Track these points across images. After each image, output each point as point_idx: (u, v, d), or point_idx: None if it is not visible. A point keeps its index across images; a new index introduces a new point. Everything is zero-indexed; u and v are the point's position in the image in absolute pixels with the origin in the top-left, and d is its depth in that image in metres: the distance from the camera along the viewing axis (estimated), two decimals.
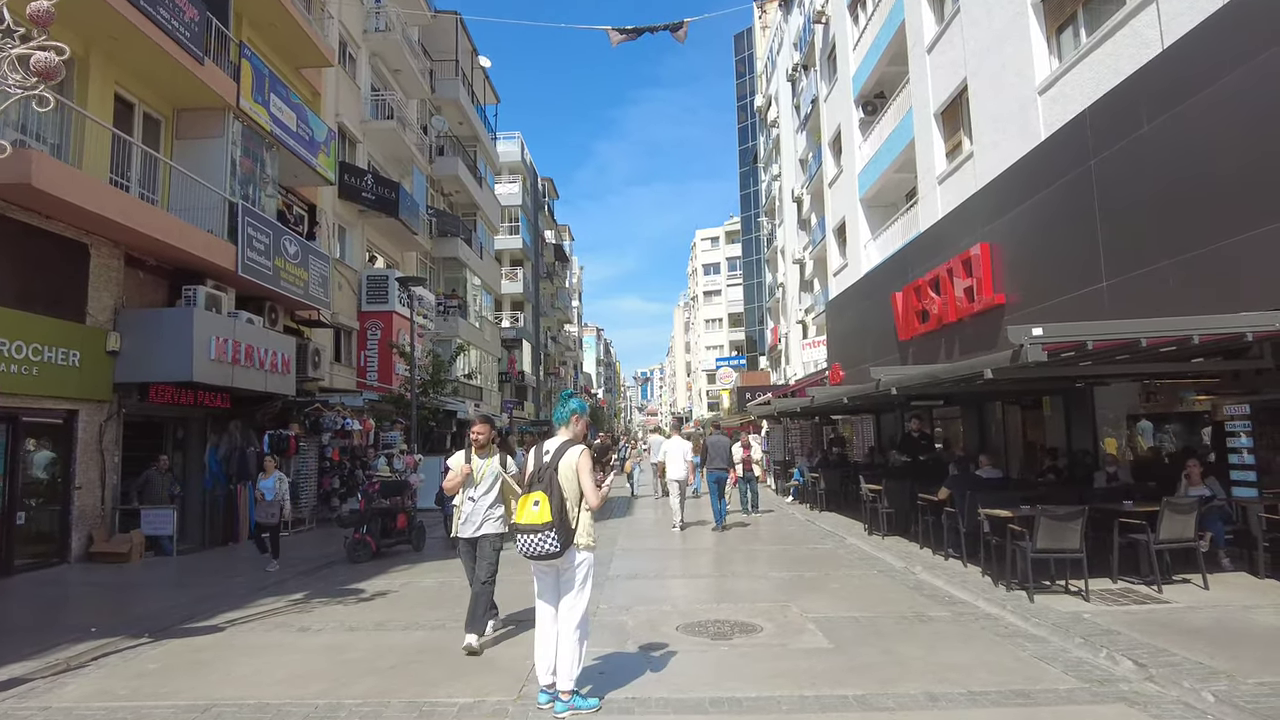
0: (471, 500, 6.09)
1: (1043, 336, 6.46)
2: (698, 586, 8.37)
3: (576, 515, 4.55)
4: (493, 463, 6.14)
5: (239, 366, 12.89)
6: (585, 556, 4.59)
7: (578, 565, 4.57)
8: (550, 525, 4.41)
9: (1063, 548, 7.14)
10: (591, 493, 4.56)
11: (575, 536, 4.53)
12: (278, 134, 15.24)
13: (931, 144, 15.93)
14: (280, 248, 14.93)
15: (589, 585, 4.62)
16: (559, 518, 4.43)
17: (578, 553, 4.56)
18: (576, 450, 4.60)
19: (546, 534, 4.41)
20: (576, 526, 4.54)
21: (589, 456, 4.62)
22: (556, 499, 4.46)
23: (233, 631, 6.80)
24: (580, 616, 4.55)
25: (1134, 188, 8.58)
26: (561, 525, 4.43)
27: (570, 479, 4.53)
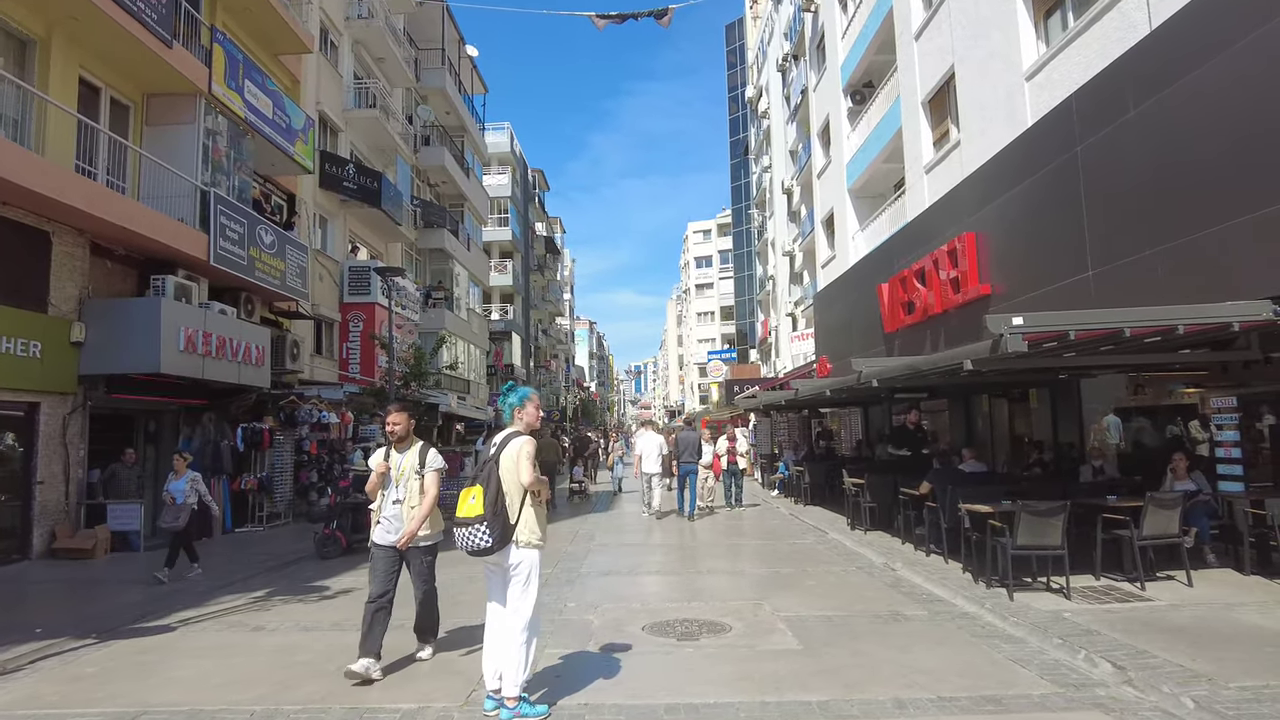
0: (394, 503, 5.28)
1: (1023, 326, 6.24)
2: (671, 584, 8.15)
3: (518, 510, 4.30)
4: (412, 458, 5.32)
5: (210, 358, 12.59)
6: (528, 555, 4.33)
7: (519, 564, 4.32)
8: (481, 519, 4.20)
9: (1044, 544, 6.94)
10: (526, 472, 4.28)
11: (515, 533, 4.28)
12: (252, 121, 14.91)
13: (919, 133, 15.70)
14: (255, 237, 14.62)
15: (534, 586, 4.36)
16: (491, 511, 4.21)
17: (517, 550, 4.31)
18: (519, 441, 4.36)
19: (478, 528, 4.20)
20: (517, 522, 4.29)
21: (532, 444, 4.37)
22: (492, 492, 4.24)
23: (184, 632, 6.55)
24: (524, 619, 4.30)
25: (1120, 175, 8.36)
26: (495, 519, 4.20)
27: (511, 471, 4.29)
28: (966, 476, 9.67)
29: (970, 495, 8.22)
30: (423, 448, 5.39)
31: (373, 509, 5.37)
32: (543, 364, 57.12)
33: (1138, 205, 8.09)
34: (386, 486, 5.31)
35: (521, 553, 4.30)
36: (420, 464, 5.29)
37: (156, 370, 11.40)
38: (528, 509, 4.32)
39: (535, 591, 4.36)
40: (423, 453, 5.36)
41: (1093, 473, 10.16)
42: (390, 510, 5.27)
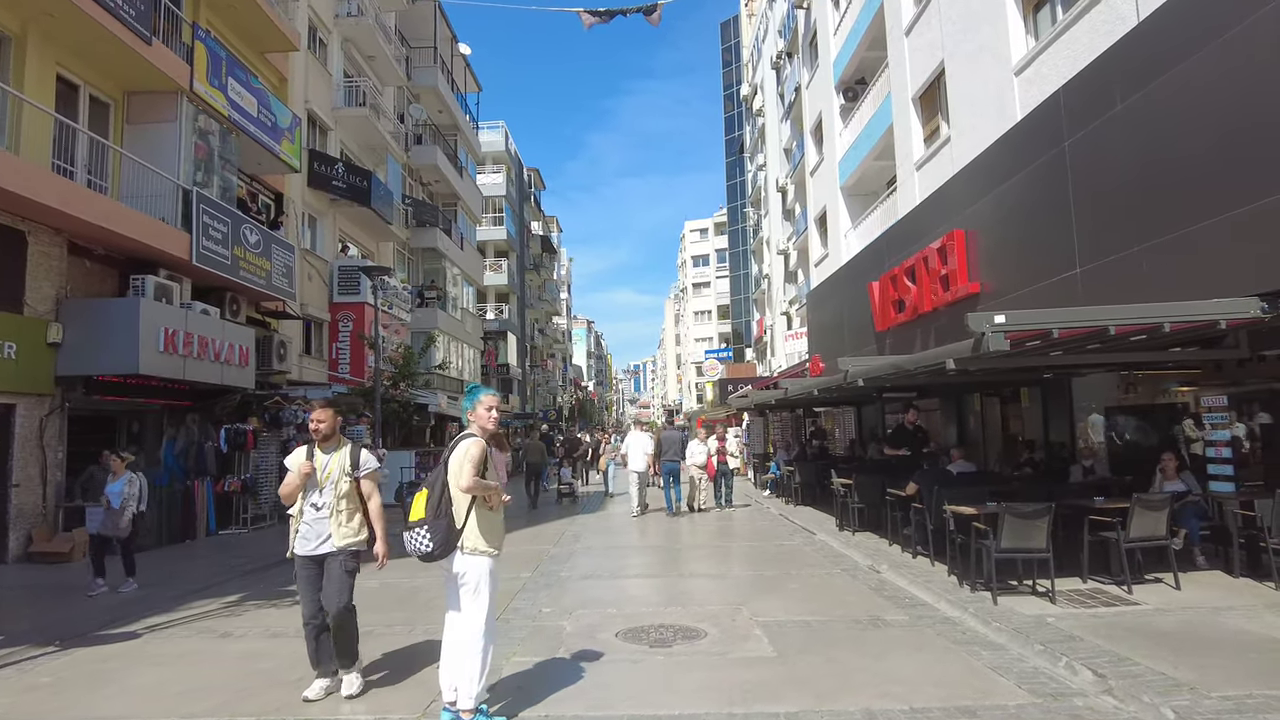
0: (315, 508, 4.75)
1: (1005, 324, 6.10)
2: (652, 587, 8.01)
3: (464, 515, 4.15)
4: (340, 459, 4.81)
5: (191, 359, 12.45)
6: (475, 562, 4.16)
7: (465, 572, 4.17)
8: (422, 522, 4.08)
9: (1029, 547, 6.80)
10: (465, 475, 4.08)
11: (462, 538, 4.14)
12: (236, 119, 14.76)
13: (910, 129, 15.55)
14: (240, 237, 14.47)
15: (484, 595, 4.18)
16: (434, 514, 4.10)
17: (463, 556, 4.16)
18: (466, 443, 4.21)
19: (418, 531, 4.08)
20: (463, 527, 4.14)
21: (479, 446, 4.19)
22: (435, 494, 4.13)
23: (149, 638, 6.41)
24: (475, 629, 4.15)
25: (1107, 170, 8.22)
26: (437, 523, 4.07)
27: (456, 474, 4.15)
28: (954, 477, 9.54)
29: (956, 496, 8.08)
30: (353, 449, 4.89)
31: (291, 514, 4.83)
32: (539, 363, 56.96)
33: (1125, 201, 7.95)
34: (308, 490, 4.76)
35: (468, 560, 4.15)
36: (352, 466, 4.80)
37: (135, 371, 11.26)
38: (479, 514, 4.17)
39: (486, 601, 4.19)
40: (354, 454, 4.85)
41: (1083, 473, 10.04)
42: (310, 516, 4.75)
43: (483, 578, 4.17)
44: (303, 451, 4.84)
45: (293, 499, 4.78)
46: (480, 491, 4.14)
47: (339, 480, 4.75)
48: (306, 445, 4.87)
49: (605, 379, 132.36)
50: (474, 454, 4.13)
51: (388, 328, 19.83)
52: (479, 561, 4.16)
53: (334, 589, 4.74)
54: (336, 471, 4.76)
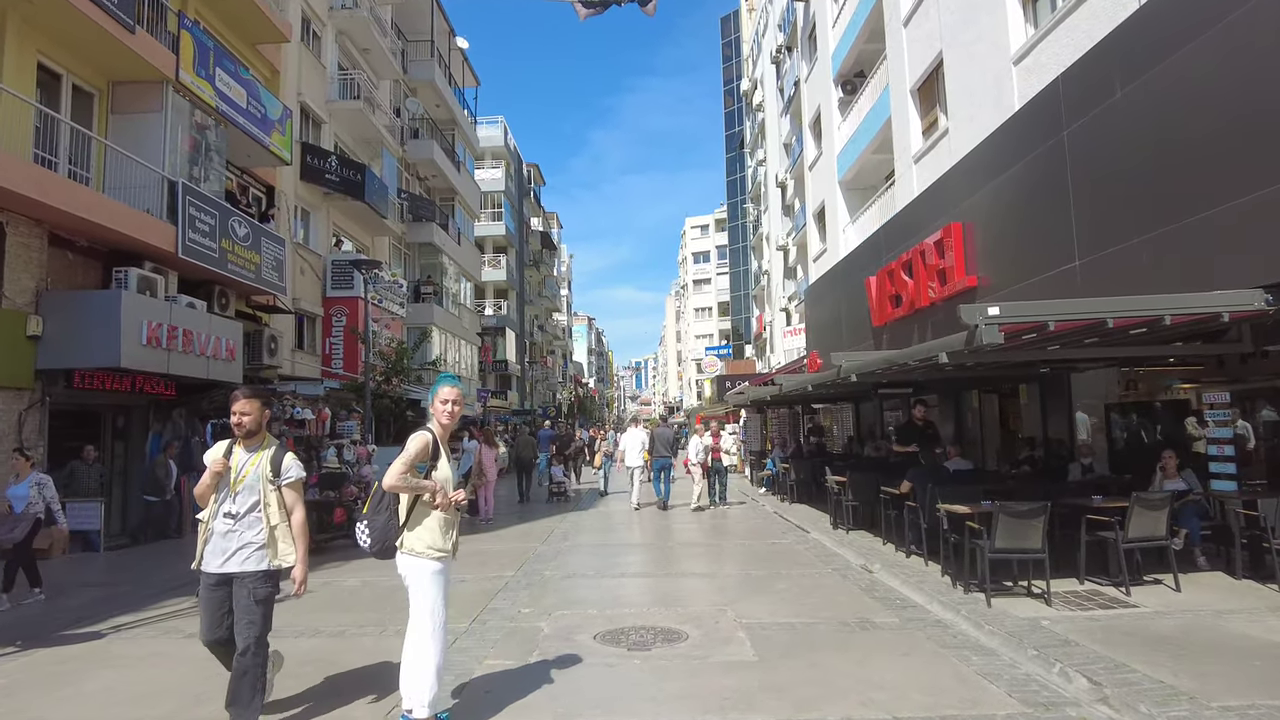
0: (229, 517, 3.94)
1: (999, 316, 5.88)
2: (636, 587, 7.79)
3: (407, 512, 3.95)
4: (259, 463, 4.02)
5: (176, 352, 12.24)
6: (417, 565, 3.95)
7: (407, 574, 3.98)
8: (364, 518, 3.96)
9: (1023, 547, 6.58)
10: (391, 471, 3.83)
11: (402, 537, 3.94)
12: (225, 110, 14.53)
13: (908, 121, 15.30)
14: (228, 229, 14.27)
15: (426, 598, 3.96)
16: (374, 510, 3.93)
17: (403, 556, 3.97)
18: (413, 435, 3.99)
19: (360, 526, 3.97)
20: (404, 525, 3.94)
21: (421, 442, 3.94)
22: (378, 488, 3.95)
23: (113, 639, 6.21)
24: (422, 633, 3.93)
25: (1107, 160, 7.99)
26: (375, 518, 3.90)
27: None
28: (950, 475, 9.31)
29: (951, 495, 7.85)
30: (277, 451, 4.09)
31: (200, 519, 4.06)
32: (538, 360, 56.77)
33: (1125, 191, 7.72)
34: (220, 494, 3.98)
35: (409, 561, 3.95)
36: (274, 472, 4.01)
37: (116, 365, 11.06)
38: (425, 515, 3.96)
39: (429, 605, 3.96)
40: (276, 458, 4.05)
41: (1082, 471, 9.81)
42: (221, 526, 3.95)
43: (423, 581, 3.96)
44: (221, 447, 4.07)
45: (205, 500, 4.01)
46: (404, 490, 3.90)
47: (257, 486, 3.99)
48: (230, 441, 4.09)
49: (606, 376, 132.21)
50: (411, 450, 3.89)
51: (378, 321, 19.61)
52: (421, 564, 3.95)
53: (244, 617, 3.92)
54: (253, 475, 3.99)
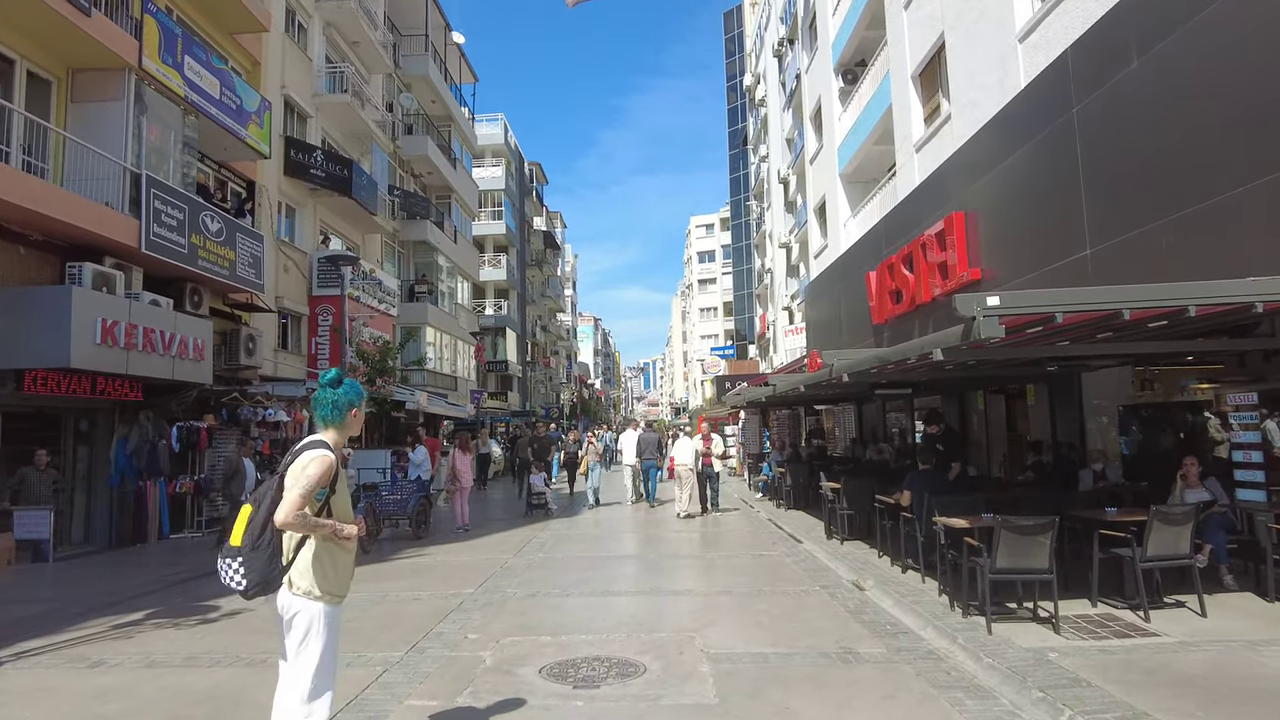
0: None
1: (1000, 307, 5.17)
2: (601, 608, 7.10)
3: (296, 547, 3.26)
4: None
5: (136, 352, 11.64)
6: (306, 606, 3.24)
7: (294, 615, 3.25)
8: (237, 551, 3.17)
9: (1028, 567, 5.86)
10: (286, 506, 3.11)
11: (290, 574, 3.25)
12: (195, 100, 13.93)
13: (909, 109, 14.58)
14: (199, 224, 13.68)
15: (314, 647, 3.25)
16: (252, 541, 3.17)
17: (290, 595, 3.25)
18: (308, 456, 3.24)
19: (229, 563, 3.18)
20: (291, 563, 3.26)
21: (322, 466, 3.20)
22: (261, 517, 3.19)
23: (7, 669, 5.56)
24: (301, 688, 3.23)
25: (1121, 137, 7.27)
26: (255, 554, 3.16)
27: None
28: (950, 483, 8.60)
29: (950, 505, 7.15)
30: None
31: None
32: (540, 360, 56.17)
33: (1141, 172, 7.00)
34: None
35: (296, 601, 3.25)
36: None
37: (66, 365, 10.47)
38: (317, 546, 3.27)
39: (319, 661, 3.25)
40: None
41: (1093, 478, 9.08)
42: None
43: (314, 626, 3.25)
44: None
45: None
46: (302, 531, 3.19)
47: None
48: None
49: (613, 377, 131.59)
50: (312, 475, 3.15)
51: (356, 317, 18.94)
52: (310, 605, 3.25)
53: None
54: None
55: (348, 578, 3.40)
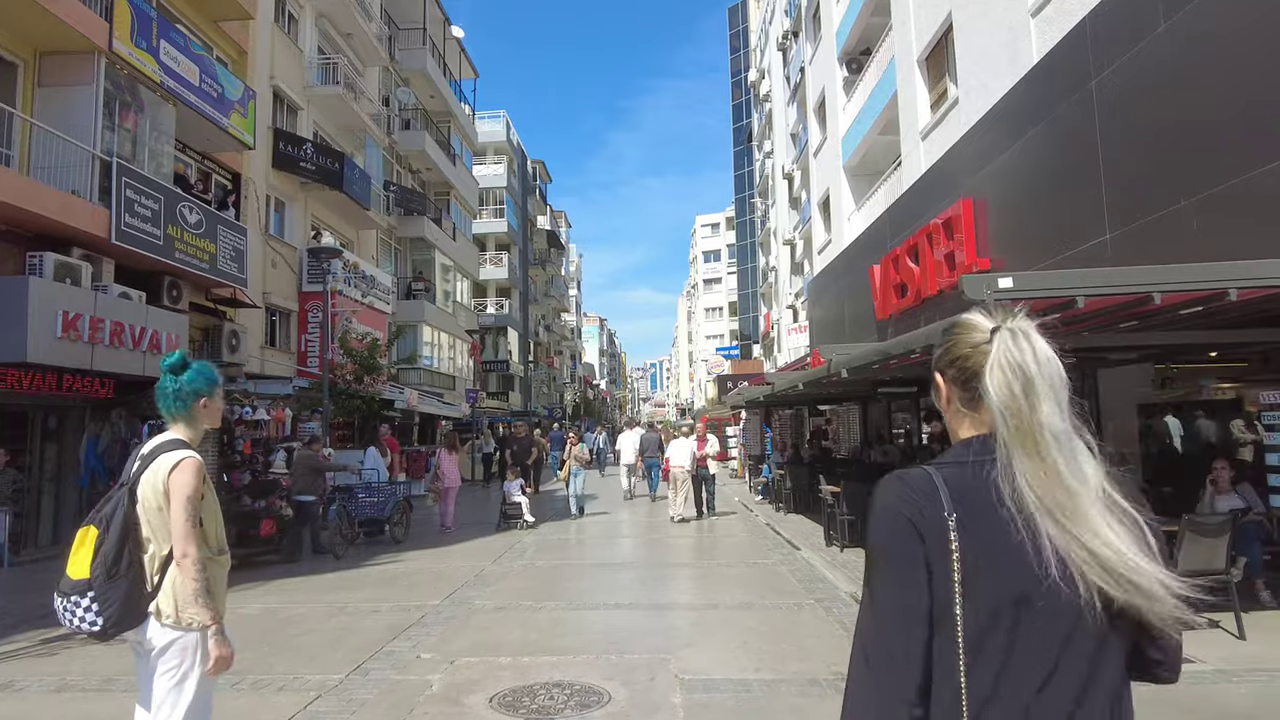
0: None
1: (1012, 289, 4.57)
2: (574, 623, 6.49)
3: (156, 569, 2.66)
4: None
5: (102, 346, 11.12)
6: (177, 637, 2.64)
7: (165, 649, 2.63)
8: (85, 585, 2.54)
9: None
10: (185, 534, 2.56)
11: (157, 602, 2.65)
12: (171, 87, 13.41)
13: (915, 95, 13.94)
14: (176, 215, 13.17)
15: (191, 685, 2.63)
16: (105, 571, 2.54)
17: (160, 629, 2.64)
18: (171, 459, 2.66)
19: (76, 601, 2.55)
20: (157, 585, 2.66)
21: (194, 472, 2.62)
22: (114, 540, 2.56)
23: None
24: None
25: (1144, 109, 6.65)
26: (111, 585, 2.54)
27: (152, 506, 2.66)
28: None
29: None
30: None
31: None
32: (544, 360, 55.65)
33: (1168, 146, 6.37)
34: None
35: (167, 632, 2.64)
36: None
37: (22, 359, 9.94)
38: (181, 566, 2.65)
39: (193, 693, 2.64)
40: None
41: None
42: None
43: (188, 660, 2.65)
44: None
45: None
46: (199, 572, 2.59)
47: None
48: None
49: (618, 377, 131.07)
50: (191, 485, 2.57)
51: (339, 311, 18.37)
52: (185, 637, 2.64)
53: None
54: None
55: (224, 596, 2.81)
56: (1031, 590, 1.04)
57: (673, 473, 13.49)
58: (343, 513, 10.83)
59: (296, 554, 10.00)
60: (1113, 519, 1.05)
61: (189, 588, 2.57)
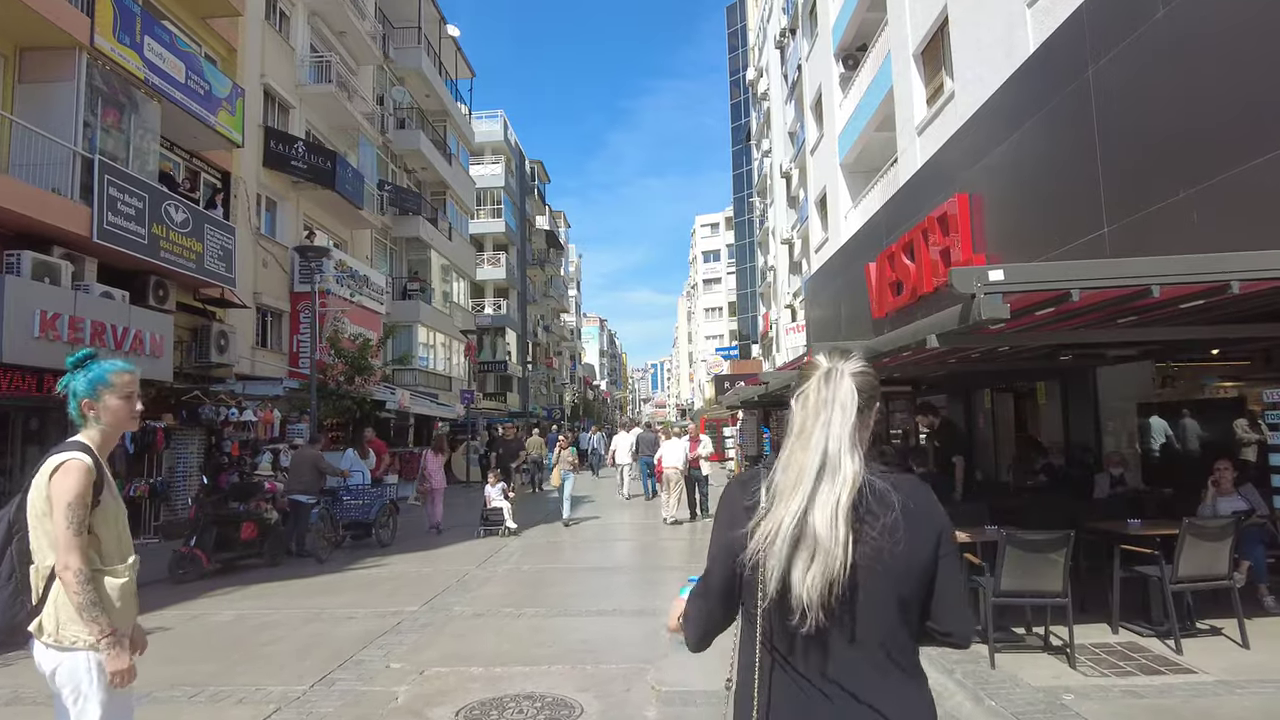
0: None
1: (1004, 282, 4.35)
2: (550, 631, 6.27)
3: (42, 582, 2.45)
4: None
5: (82, 347, 10.91)
6: (65, 660, 2.41)
7: (56, 672, 2.42)
8: None
9: (1039, 590, 5.02)
10: (65, 544, 2.33)
11: (41, 619, 2.42)
12: (156, 84, 13.22)
13: (910, 90, 13.73)
14: (162, 214, 12.98)
15: (92, 710, 2.41)
16: None
17: (51, 650, 2.42)
18: (55, 461, 2.42)
19: None
20: (42, 599, 2.44)
21: (75, 473, 2.38)
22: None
23: None
24: None
25: (1145, 99, 6.43)
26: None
27: (38, 513, 2.44)
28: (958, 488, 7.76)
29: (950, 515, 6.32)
30: None
31: None
32: (543, 361, 55.44)
33: (1167, 136, 6.16)
34: None
35: (53, 655, 2.44)
36: None
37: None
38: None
39: (96, 717, 2.43)
40: None
41: (1110, 483, 8.22)
42: None
43: (85, 683, 2.43)
44: None
45: None
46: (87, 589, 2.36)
47: None
48: None
49: (619, 378, 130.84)
50: (74, 489, 2.34)
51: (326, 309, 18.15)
52: (75, 661, 2.42)
53: None
54: None
55: (131, 612, 2.57)
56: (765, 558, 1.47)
57: (665, 473, 13.30)
58: (326, 515, 10.63)
59: (279, 557, 9.78)
60: (832, 502, 1.41)
61: (72, 602, 2.35)
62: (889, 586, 1.42)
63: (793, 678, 1.45)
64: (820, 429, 1.45)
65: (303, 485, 10.58)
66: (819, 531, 1.39)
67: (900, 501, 1.43)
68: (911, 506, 1.45)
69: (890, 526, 1.41)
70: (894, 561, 1.41)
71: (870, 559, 1.40)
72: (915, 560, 1.44)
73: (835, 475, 1.42)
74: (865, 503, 1.42)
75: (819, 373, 1.52)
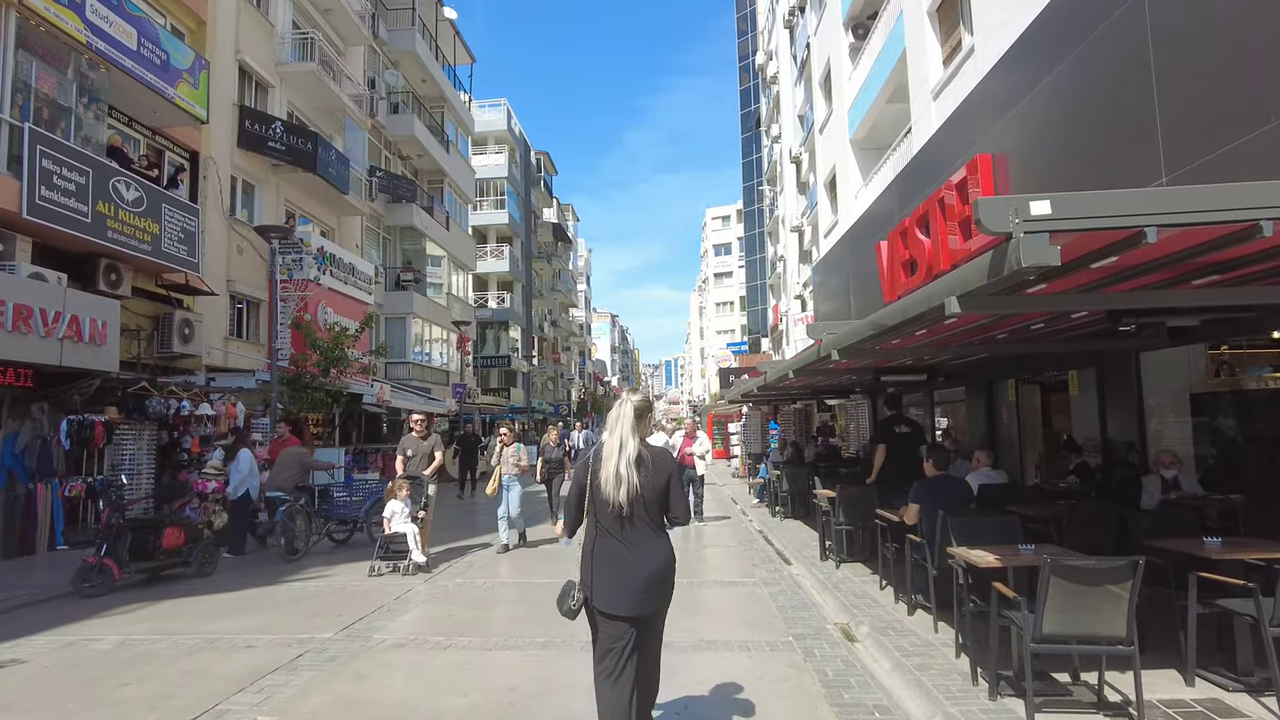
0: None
1: (1051, 217, 3.14)
2: (475, 671, 5.07)
3: None
4: None
5: (5, 332, 9.91)
6: None
7: None
8: None
9: (1093, 634, 3.80)
10: None
11: None
12: (102, 49, 12.18)
13: (925, 50, 12.45)
14: (109, 191, 11.97)
15: None
16: None
17: None
18: None
19: None
20: None
21: None
22: None
23: None
24: None
25: (1212, 21, 5.17)
26: None
27: None
28: (972, 493, 6.51)
29: (973, 529, 5.09)
30: None
31: None
32: (550, 356, 54.34)
33: (1242, 62, 4.90)
34: None
35: None
36: None
37: None
38: None
39: None
40: None
41: (1163, 487, 6.95)
42: None
43: None
44: None
45: None
46: None
47: None
48: None
49: (631, 374, 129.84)
50: None
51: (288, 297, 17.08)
52: None
53: None
54: None
55: None
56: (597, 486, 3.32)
57: None
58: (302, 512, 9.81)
59: (209, 566, 8.69)
60: (624, 460, 3.29)
61: None
62: (651, 497, 3.26)
63: (608, 539, 3.28)
64: (618, 427, 3.34)
65: (280, 482, 10.29)
66: (622, 473, 3.21)
67: (651, 459, 3.31)
68: (657, 461, 3.33)
69: (650, 471, 3.27)
70: (652, 486, 3.26)
71: (643, 486, 3.24)
72: (660, 485, 3.31)
73: (624, 449, 3.28)
74: (642, 460, 3.27)
75: (619, 400, 3.41)
